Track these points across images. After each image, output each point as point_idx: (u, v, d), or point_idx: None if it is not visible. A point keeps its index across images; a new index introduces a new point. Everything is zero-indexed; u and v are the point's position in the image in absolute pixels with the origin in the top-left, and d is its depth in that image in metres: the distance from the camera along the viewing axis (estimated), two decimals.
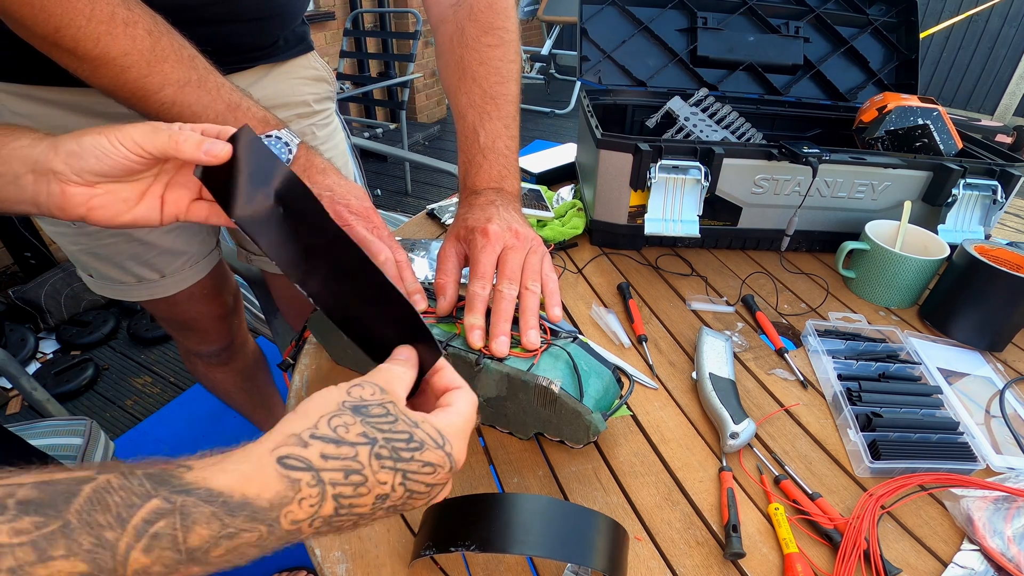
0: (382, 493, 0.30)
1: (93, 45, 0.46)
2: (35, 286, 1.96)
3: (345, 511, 0.29)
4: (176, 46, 0.50)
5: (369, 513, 0.30)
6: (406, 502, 0.31)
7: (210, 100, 0.51)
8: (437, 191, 3.21)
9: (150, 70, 0.48)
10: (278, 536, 0.27)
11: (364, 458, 0.29)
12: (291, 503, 0.27)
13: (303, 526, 0.28)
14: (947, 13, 4.17)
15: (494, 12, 0.65)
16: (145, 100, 0.50)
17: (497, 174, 0.61)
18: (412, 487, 0.31)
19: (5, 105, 0.62)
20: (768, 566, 0.47)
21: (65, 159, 0.38)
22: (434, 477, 0.32)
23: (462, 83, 0.64)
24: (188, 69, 0.50)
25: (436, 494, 0.34)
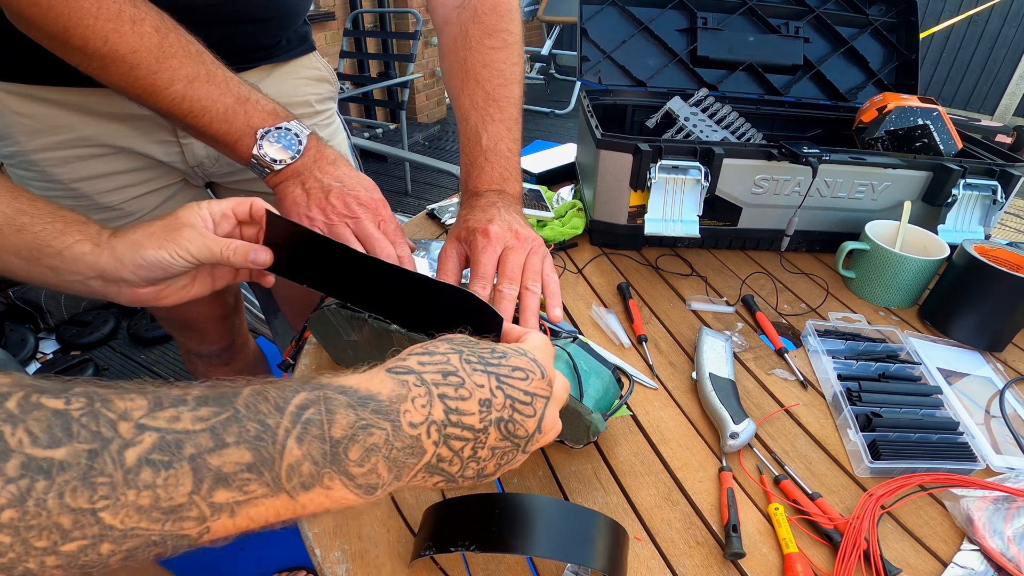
0: (483, 398, 0.31)
1: (102, 43, 0.47)
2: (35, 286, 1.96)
3: (456, 419, 0.30)
4: (183, 42, 0.50)
5: (481, 430, 0.31)
6: (514, 417, 0.32)
7: (219, 94, 0.52)
8: (437, 191, 3.21)
9: (159, 66, 0.49)
10: (402, 443, 0.28)
11: (456, 362, 0.31)
12: (405, 400, 0.29)
13: (422, 435, 0.29)
14: (947, 13, 4.17)
15: (498, 15, 0.65)
16: (155, 96, 0.50)
17: (499, 176, 0.61)
18: (511, 392, 0.32)
19: (7, 105, 0.62)
20: (768, 566, 0.47)
21: (133, 270, 0.45)
22: (529, 384, 0.33)
23: (465, 85, 0.64)
24: (196, 64, 0.51)
25: (541, 410, 0.34)
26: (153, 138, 0.69)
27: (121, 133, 0.66)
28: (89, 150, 0.66)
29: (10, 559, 0.20)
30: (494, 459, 0.32)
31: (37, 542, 0.20)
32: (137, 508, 0.21)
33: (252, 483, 0.24)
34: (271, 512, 0.25)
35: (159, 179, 0.73)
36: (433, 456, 0.29)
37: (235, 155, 0.55)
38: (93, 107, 0.64)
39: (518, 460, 0.35)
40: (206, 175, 0.77)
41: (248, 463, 0.24)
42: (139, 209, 0.72)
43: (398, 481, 0.29)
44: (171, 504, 0.22)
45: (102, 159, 0.67)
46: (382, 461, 0.27)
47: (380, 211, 0.55)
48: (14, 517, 0.19)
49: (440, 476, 0.31)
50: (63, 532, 0.20)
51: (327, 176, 0.55)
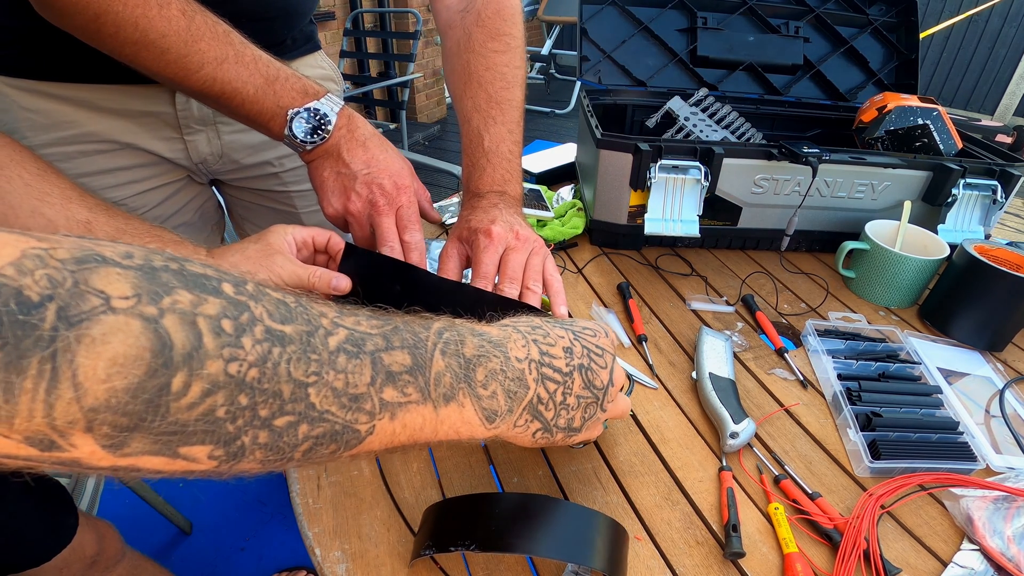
0: (566, 346, 0.36)
1: (132, 29, 0.48)
2: None
3: (547, 360, 0.34)
4: (210, 23, 0.51)
5: (568, 374, 0.35)
6: (592, 366, 0.36)
7: (248, 75, 0.52)
8: (437, 191, 3.20)
9: (188, 49, 0.50)
10: (513, 373, 0.32)
11: (538, 321, 0.37)
12: (509, 340, 0.34)
13: (525, 369, 0.33)
14: (947, 13, 4.17)
15: (501, 19, 0.66)
16: (187, 79, 0.51)
17: (501, 178, 0.61)
18: (586, 344, 0.37)
19: (15, 100, 0.62)
20: (768, 566, 0.47)
21: None
22: (598, 339, 0.38)
23: (468, 87, 0.64)
24: (224, 45, 0.51)
25: (611, 362, 0.38)
26: (158, 135, 0.69)
27: (126, 129, 0.66)
28: (94, 146, 0.66)
29: (238, 426, 0.22)
30: (580, 409, 0.36)
31: (262, 410, 0.22)
32: (333, 389, 0.25)
33: (410, 386, 0.28)
34: (419, 420, 0.28)
35: (163, 175, 0.73)
36: (534, 395, 0.33)
37: (269, 133, 0.56)
38: (98, 103, 0.64)
39: (598, 419, 0.38)
40: (210, 172, 0.77)
41: (408, 366, 0.28)
42: (143, 205, 0.72)
43: (511, 415, 0.33)
44: (355, 392, 0.26)
45: (107, 155, 0.67)
46: (499, 388, 0.32)
47: (399, 198, 0.56)
48: (255, 377, 0.22)
49: (539, 422, 0.35)
50: (281, 402, 0.23)
51: (356, 160, 0.56)
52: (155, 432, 0.20)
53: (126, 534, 0.83)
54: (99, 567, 0.76)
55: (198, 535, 1.31)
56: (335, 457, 0.27)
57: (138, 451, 0.21)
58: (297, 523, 0.49)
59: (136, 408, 0.19)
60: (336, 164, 0.56)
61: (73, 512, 0.72)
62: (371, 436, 0.27)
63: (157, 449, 0.21)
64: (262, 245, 0.51)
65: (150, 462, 0.21)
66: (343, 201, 0.56)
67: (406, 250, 0.55)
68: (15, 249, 0.18)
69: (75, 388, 0.18)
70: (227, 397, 0.21)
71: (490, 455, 0.56)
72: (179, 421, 0.20)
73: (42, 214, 0.47)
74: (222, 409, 0.21)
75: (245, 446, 0.23)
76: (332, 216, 0.57)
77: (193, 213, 0.79)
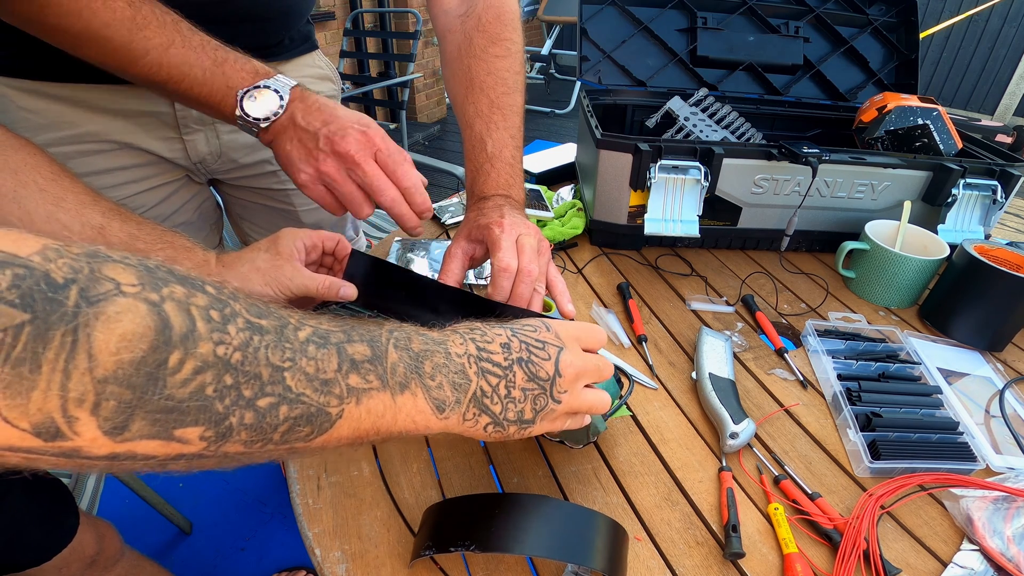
0: (503, 342, 0.38)
1: (76, 19, 0.48)
2: None
3: (486, 355, 0.37)
4: (158, 12, 0.51)
5: (507, 367, 0.37)
6: (532, 359, 0.38)
7: (196, 58, 0.51)
8: (437, 191, 3.21)
9: (131, 38, 0.49)
10: (455, 367, 0.35)
11: (479, 324, 0.39)
12: (448, 340, 0.36)
13: (465, 363, 0.35)
14: (947, 13, 4.17)
15: (502, 24, 0.66)
16: (133, 66, 0.50)
17: (504, 182, 0.62)
18: (524, 339, 0.38)
19: (13, 101, 0.62)
20: (768, 566, 0.47)
21: None
22: (539, 334, 0.39)
23: (470, 93, 0.65)
24: (171, 32, 0.51)
25: (555, 355, 0.39)
26: (156, 135, 0.69)
27: (124, 129, 0.66)
28: (92, 146, 0.66)
29: (226, 405, 0.25)
30: (528, 401, 0.37)
31: (246, 390, 0.25)
32: (305, 374, 0.28)
33: (371, 374, 0.31)
34: (380, 406, 0.31)
35: (162, 175, 0.73)
36: (476, 387, 0.35)
37: (223, 117, 0.54)
38: (97, 103, 0.64)
39: (554, 411, 0.39)
40: (208, 172, 0.77)
41: (369, 356, 0.31)
42: (142, 205, 0.72)
43: (459, 406, 0.35)
44: (325, 377, 0.28)
45: (105, 155, 0.67)
46: (445, 380, 0.34)
47: (374, 142, 0.53)
48: (239, 359, 0.25)
49: (487, 416, 0.36)
50: (262, 384, 0.26)
51: (314, 121, 0.53)
52: (154, 409, 0.23)
53: (126, 534, 0.83)
54: (98, 566, 0.76)
55: (198, 535, 1.31)
56: (309, 442, 0.29)
57: (137, 434, 0.23)
58: (297, 523, 0.49)
59: (139, 381, 0.22)
60: (295, 132, 0.53)
61: (74, 512, 0.72)
62: (340, 420, 0.29)
63: (155, 431, 0.23)
64: (272, 255, 0.52)
65: (146, 446, 0.23)
66: (313, 164, 0.53)
67: (408, 195, 0.52)
68: (37, 243, 0.21)
69: (90, 359, 0.21)
70: (215, 376, 0.24)
71: (490, 455, 0.56)
72: (174, 397, 0.23)
73: (57, 219, 0.47)
74: (211, 387, 0.24)
75: (233, 426, 0.25)
76: (306, 183, 0.54)
77: (192, 212, 0.79)
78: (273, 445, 0.27)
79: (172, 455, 0.24)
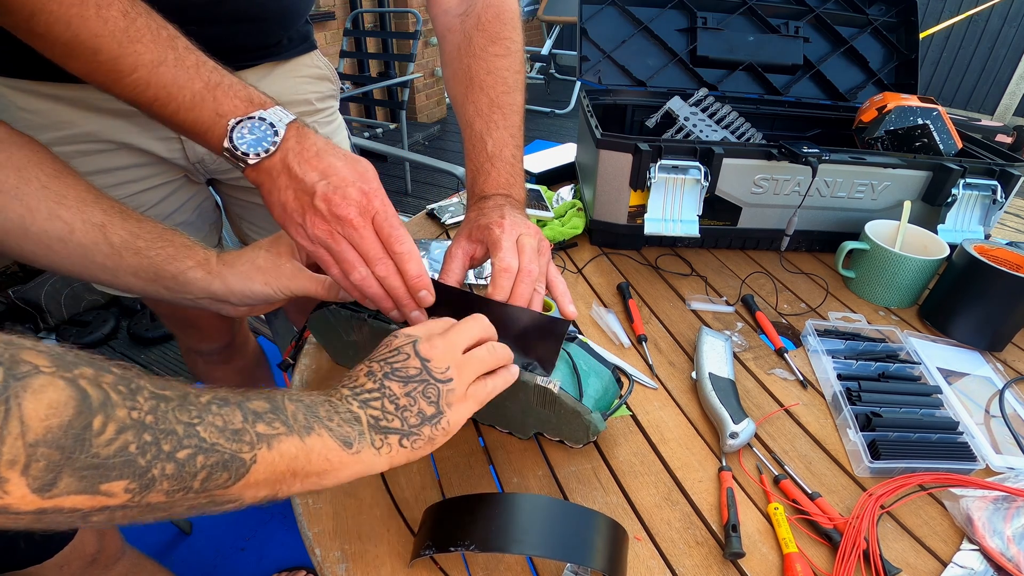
0: (366, 372, 0.40)
1: (65, 28, 0.45)
2: (35, 286, 1.96)
3: (358, 390, 0.39)
4: (153, 27, 0.47)
5: (378, 388, 0.39)
6: (395, 368, 0.40)
7: (187, 79, 0.47)
8: (437, 191, 3.21)
9: (121, 51, 0.46)
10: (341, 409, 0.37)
11: (354, 372, 0.41)
12: (326, 395, 0.39)
13: (347, 405, 0.38)
14: (947, 13, 4.17)
15: (501, 23, 0.66)
16: (119, 82, 0.47)
17: (505, 181, 0.61)
18: (380, 358, 0.41)
19: (12, 101, 0.62)
20: (767, 566, 0.47)
21: (239, 299, 0.52)
22: (390, 347, 0.41)
23: (470, 92, 0.64)
24: (164, 49, 0.47)
25: (411, 351, 0.41)
26: (155, 134, 0.69)
27: (123, 129, 0.66)
28: (91, 146, 0.66)
29: (148, 459, 0.27)
30: (419, 399, 0.39)
31: (165, 445, 0.28)
32: (216, 427, 0.30)
33: (276, 421, 0.33)
34: (292, 449, 0.33)
35: (161, 175, 0.73)
36: (367, 417, 0.38)
37: (209, 147, 0.49)
38: (95, 103, 0.64)
39: (452, 390, 0.40)
40: (207, 172, 0.77)
41: (268, 408, 0.33)
42: (141, 204, 0.72)
43: (363, 439, 0.37)
44: (234, 428, 0.31)
45: (104, 155, 0.67)
46: (340, 419, 0.36)
47: (373, 204, 0.48)
48: (152, 420, 0.28)
49: (395, 435, 0.38)
50: (179, 438, 0.28)
51: (310, 172, 0.47)
52: (81, 467, 0.25)
53: (126, 534, 0.84)
54: (99, 565, 0.76)
55: (198, 535, 1.31)
56: (228, 488, 0.31)
57: (64, 490, 0.25)
58: (297, 523, 0.49)
59: (67, 443, 0.25)
60: (290, 182, 0.47)
61: None
62: (255, 465, 0.31)
63: (81, 487, 0.25)
64: (273, 255, 0.51)
65: (72, 501, 0.25)
66: (310, 227, 0.47)
67: (400, 262, 0.47)
68: None
69: (22, 424, 0.24)
70: (135, 435, 0.27)
71: (490, 455, 0.56)
72: (100, 455, 0.26)
73: (59, 217, 0.47)
74: (133, 445, 0.27)
75: (155, 478, 0.28)
76: (306, 244, 0.48)
77: (191, 212, 0.79)
78: (194, 494, 0.29)
79: (96, 507, 0.26)
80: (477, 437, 0.58)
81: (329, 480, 0.36)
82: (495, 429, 0.58)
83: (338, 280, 0.49)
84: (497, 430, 0.58)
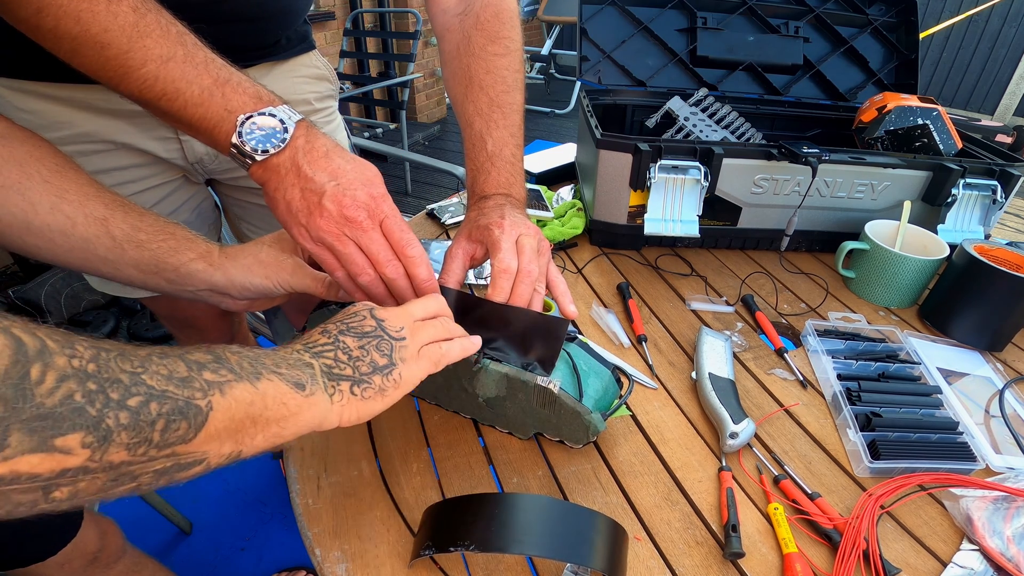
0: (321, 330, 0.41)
1: (74, 23, 0.45)
2: (35, 286, 1.96)
3: (311, 344, 0.40)
4: (163, 22, 0.47)
5: (332, 342, 0.40)
6: (350, 326, 0.41)
7: (196, 75, 0.47)
8: (437, 191, 3.21)
9: (131, 46, 0.46)
10: (291, 358, 0.38)
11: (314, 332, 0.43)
12: (275, 348, 0.39)
13: (299, 355, 0.38)
14: (947, 13, 4.17)
15: (500, 22, 0.66)
16: (127, 77, 0.46)
17: (505, 181, 0.61)
18: (338, 321, 0.42)
19: (9, 101, 0.62)
20: (767, 566, 0.47)
21: (239, 292, 0.52)
22: (348, 312, 0.43)
23: (469, 91, 0.64)
24: (174, 44, 0.47)
25: (368, 314, 0.43)
26: (153, 135, 0.69)
27: (121, 129, 0.66)
28: (90, 146, 0.66)
29: (98, 408, 0.26)
30: (372, 351, 0.40)
31: (112, 393, 0.27)
32: (161, 375, 0.29)
33: (222, 368, 0.32)
34: (246, 395, 0.33)
35: (159, 175, 0.73)
36: (320, 365, 0.38)
37: (215, 144, 0.49)
38: (93, 103, 0.64)
39: (404, 346, 0.42)
40: (206, 172, 0.77)
41: (211, 359, 0.33)
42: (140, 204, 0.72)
43: (315, 383, 0.37)
44: (180, 376, 0.30)
45: (102, 155, 0.67)
46: (288, 367, 0.36)
47: (383, 209, 0.48)
48: (95, 369, 0.27)
49: (347, 381, 0.39)
50: (125, 387, 0.27)
51: (320, 173, 0.48)
52: (28, 419, 0.24)
53: (126, 534, 0.84)
54: (100, 564, 0.76)
55: (198, 535, 1.31)
56: (188, 442, 0.30)
57: (17, 448, 0.23)
58: (297, 523, 0.49)
59: (7, 392, 0.23)
60: (298, 181, 0.47)
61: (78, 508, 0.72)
62: (212, 412, 0.31)
63: (34, 443, 0.24)
64: (276, 250, 0.52)
65: (29, 462, 0.24)
66: (316, 227, 0.47)
67: (410, 266, 0.48)
68: None
69: None
70: (79, 383, 0.26)
71: (490, 455, 0.56)
72: (44, 405, 0.24)
73: (60, 210, 0.47)
74: (78, 394, 0.25)
75: (111, 428, 0.26)
76: (310, 246, 0.48)
77: (190, 212, 0.79)
78: (156, 449, 0.28)
79: (56, 471, 0.25)
80: (477, 437, 0.58)
81: (289, 428, 0.35)
82: (495, 429, 0.58)
83: (340, 282, 0.49)
84: (497, 430, 0.58)
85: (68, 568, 0.71)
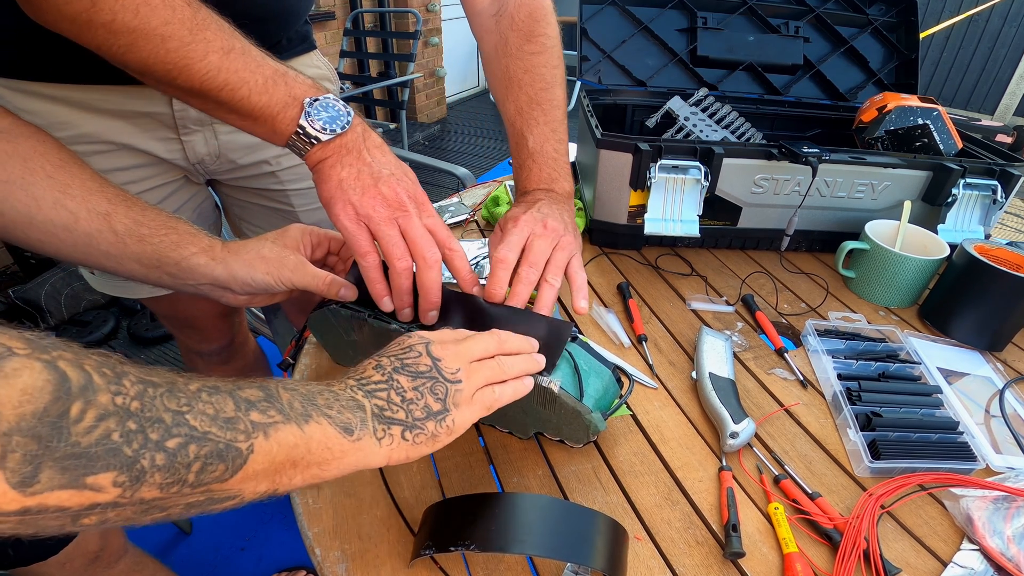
0: (375, 365, 0.40)
1: (132, 16, 0.45)
2: (35, 286, 1.96)
3: (364, 382, 0.39)
4: (215, 16, 0.48)
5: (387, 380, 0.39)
6: (405, 363, 0.40)
7: (256, 66, 0.49)
8: (437, 191, 3.21)
9: (192, 37, 0.46)
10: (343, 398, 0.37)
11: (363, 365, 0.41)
12: (327, 384, 0.38)
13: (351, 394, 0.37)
14: (947, 13, 4.17)
15: (534, 20, 0.67)
16: (188, 71, 0.47)
17: (547, 176, 0.63)
18: (391, 354, 0.41)
19: (11, 102, 0.62)
20: (768, 566, 0.47)
21: (240, 287, 0.52)
22: (402, 345, 0.42)
23: (509, 91, 0.66)
24: (231, 37, 0.48)
25: (423, 350, 0.41)
26: (154, 135, 0.69)
27: (122, 130, 0.66)
28: (91, 147, 0.66)
29: (134, 449, 0.25)
30: (426, 395, 0.39)
31: (152, 433, 0.26)
32: (206, 415, 0.29)
33: (271, 409, 0.32)
34: (290, 438, 0.32)
35: (160, 176, 0.73)
36: (372, 407, 0.37)
37: (273, 130, 0.51)
38: (94, 104, 0.64)
39: (460, 390, 0.40)
40: (207, 172, 0.77)
41: (262, 397, 0.32)
42: None
43: (365, 427, 0.36)
44: (226, 416, 0.30)
45: (103, 155, 0.67)
46: (342, 407, 0.36)
47: (426, 206, 0.52)
48: (138, 407, 0.26)
49: (398, 426, 0.37)
50: (166, 427, 0.27)
51: (378, 160, 0.51)
52: (61, 457, 0.23)
53: (127, 533, 0.84)
54: (101, 563, 0.76)
55: (198, 535, 1.31)
56: (225, 482, 0.29)
57: (47, 485, 0.23)
58: (297, 523, 0.49)
59: (43, 431, 0.23)
60: (356, 161, 0.50)
61: None
62: (252, 455, 0.30)
63: (65, 480, 0.24)
64: (279, 247, 0.52)
65: (58, 497, 0.24)
66: (366, 204, 0.49)
67: (451, 259, 0.51)
68: None
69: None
70: (118, 423, 0.25)
71: (490, 455, 0.56)
72: (80, 444, 0.24)
73: (64, 206, 0.47)
74: (116, 433, 0.25)
75: (145, 469, 0.26)
76: (349, 223, 0.49)
77: (191, 213, 0.79)
78: (189, 488, 0.28)
79: (85, 505, 0.25)
80: (477, 437, 0.58)
81: (330, 471, 0.35)
82: (495, 429, 0.58)
83: (365, 268, 0.50)
84: (497, 430, 0.58)
85: (69, 567, 0.71)
